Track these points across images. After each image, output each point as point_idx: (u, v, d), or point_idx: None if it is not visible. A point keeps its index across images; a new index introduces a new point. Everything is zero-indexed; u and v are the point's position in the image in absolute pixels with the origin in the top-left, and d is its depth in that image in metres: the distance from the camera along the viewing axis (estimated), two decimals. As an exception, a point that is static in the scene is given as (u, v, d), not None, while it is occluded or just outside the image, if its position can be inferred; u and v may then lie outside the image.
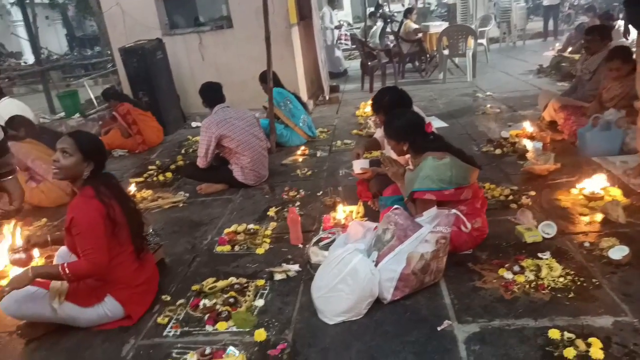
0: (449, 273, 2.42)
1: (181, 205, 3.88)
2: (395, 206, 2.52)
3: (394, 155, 2.91)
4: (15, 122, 4.40)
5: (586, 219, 2.82)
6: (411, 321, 2.13)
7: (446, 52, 8.13)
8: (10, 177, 1.50)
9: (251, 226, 3.28)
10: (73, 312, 2.22)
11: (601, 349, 1.78)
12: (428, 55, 9.01)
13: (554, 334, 1.89)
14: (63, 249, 2.48)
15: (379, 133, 3.48)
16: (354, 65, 10.84)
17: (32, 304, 2.18)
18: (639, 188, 3.07)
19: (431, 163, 2.56)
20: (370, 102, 3.52)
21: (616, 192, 2.99)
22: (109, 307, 2.27)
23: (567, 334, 1.88)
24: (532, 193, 3.23)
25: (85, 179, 2.23)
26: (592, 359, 1.76)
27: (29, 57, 18.18)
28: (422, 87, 7.72)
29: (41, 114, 7.25)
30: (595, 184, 3.07)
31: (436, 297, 2.28)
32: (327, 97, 7.55)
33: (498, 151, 4.18)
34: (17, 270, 2.35)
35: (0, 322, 2.41)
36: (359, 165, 3.21)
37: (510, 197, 3.22)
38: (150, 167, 4.93)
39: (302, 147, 5.03)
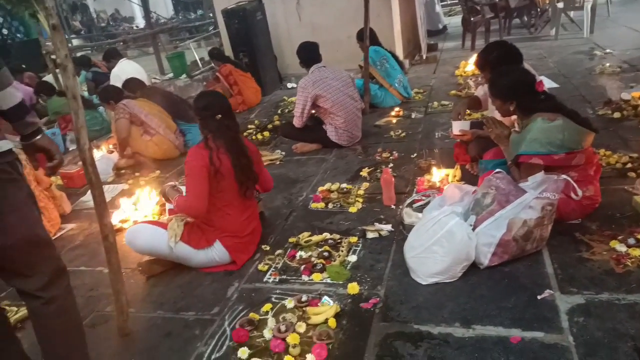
0: (553, 242, 2.29)
1: (278, 162, 4.05)
2: (497, 170, 2.42)
3: (498, 116, 2.75)
4: (131, 84, 4.83)
5: None
6: (509, 287, 2.06)
7: (560, 4, 7.35)
8: (40, 135, 1.63)
9: (344, 185, 3.34)
10: (186, 252, 2.47)
11: None
12: (539, 9, 8.21)
13: (674, 313, 1.73)
14: None
15: (481, 91, 3.30)
16: (454, 22, 10.26)
17: (152, 241, 2.47)
18: None
19: (541, 125, 2.39)
20: (473, 59, 3.33)
21: None
22: (217, 252, 2.49)
23: (690, 315, 1.71)
24: (657, 162, 2.90)
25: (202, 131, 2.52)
26: None
27: (140, 22, 19.59)
28: (530, 44, 7.11)
29: (152, 75, 7.84)
30: None
31: (537, 265, 2.18)
32: (425, 56, 7.26)
33: (617, 114, 3.77)
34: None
35: (124, 258, 2.74)
36: (459, 127, 3.09)
37: (629, 165, 2.92)
38: (249, 126, 5.17)
39: (397, 108, 4.93)
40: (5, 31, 10.62)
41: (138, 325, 2.17)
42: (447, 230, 2.17)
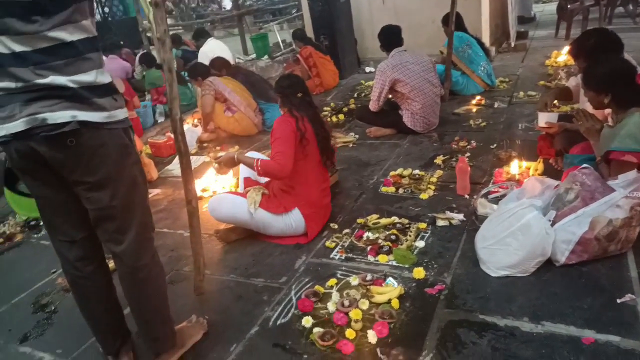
0: (640, 245, 2.13)
1: (351, 145, 4.08)
2: (584, 165, 2.28)
3: (589, 109, 2.58)
4: (217, 63, 5.06)
5: None
6: (586, 287, 1.96)
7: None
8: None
9: (416, 171, 3.30)
10: (265, 218, 2.60)
11: None
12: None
13: None
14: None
15: (572, 82, 3.10)
16: (547, 10, 9.61)
17: (234, 208, 2.62)
18: None
19: (637, 120, 2.22)
20: (567, 49, 3.12)
21: None
22: (294, 219, 2.60)
23: None
24: None
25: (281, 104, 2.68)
26: None
27: (227, 3, 20.26)
28: (634, 35, 6.50)
29: (236, 55, 8.15)
30: None
31: (620, 268, 2.05)
32: (513, 44, 6.91)
33: None
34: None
35: (203, 225, 2.92)
36: (545, 118, 2.92)
37: None
38: (325, 109, 5.23)
39: (478, 97, 4.77)
40: (106, 9, 11.49)
41: (212, 286, 2.33)
42: (523, 223, 2.09)
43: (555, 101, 3.32)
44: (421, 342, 1.81)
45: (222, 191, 3.37)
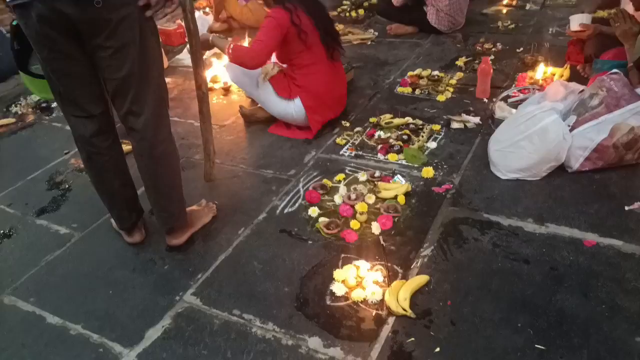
0: (659, 157, 2.07)
1: (369, 42, 3.89)
2: (614, 70, 2.15)
3: (630, 10, 2.38)
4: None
5: None
6: (595, 194, 1.95)
7: None
8: None
9: (436, 73, 3.17)
10: (268, 93, 2.59)
11: None
12: None
13: None
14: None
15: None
16: None
17: (246, 76, 2.61)
18: None
19: (680, 23, 2.05)
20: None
21: None
22: (295, 108, 2.56)
23: None
24: None
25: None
26: None
27: None
28: None
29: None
30: None
31: (634, 177, 2.01)
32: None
33: None
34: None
35: (215, 115, 2.90)
36: (578, 20, 2.71)
37: None
38: (344, 2, 4.93)
39: (511, -3, 4.42)
40: None
41: (222, 175, 2.35)
42: (541, 127, 2.02)
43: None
44: (423, 236, 1.84)
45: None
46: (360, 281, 1.66)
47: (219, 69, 3.41)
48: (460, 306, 1.53)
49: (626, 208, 1.85)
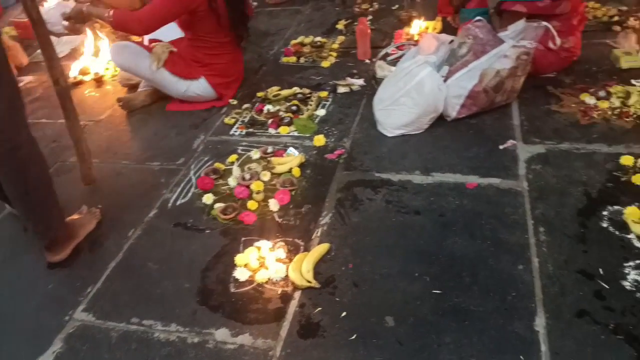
0: (524, 95, 2.25)
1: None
2: (478, 18, 2.26)
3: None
4: None
5: None
6: (473, 138, 2.07)
7: None
8: None
9: (318, 39, 3.15)
10: (167, 79, 2.48)
11: (678, 179, 1.66)
12: None
13: (627, 160, 1.77)
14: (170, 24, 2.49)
15: None
16: None
17: (137, 59, 2.45)
18: None
19: (528, -33, 2.19)
20: None
21: None
22: (200, 88, 2.50)
23: (641, 162, 1.76)
24: (645, 14, 2.75)
25: None
26: (663, 187, 1.65)
27: None
28: None
29: None
30: None
31: (505, 117, 2.16)
32: None
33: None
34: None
35: (89, 111, 2.68)
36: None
37: (615, 18, 2.77)
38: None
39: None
40: None
41: (103, 175, 2.17)
42: (417, 81, 2.09)
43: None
44: (321, 204, 1.85)
45: (106, 72, 3.04)
46: (263, 262, 1.62)
47: (87, 60, 3.12)
48: (361, 267, 1.56)
49: (500, 147, 1.99)
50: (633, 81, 2.20)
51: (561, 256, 1.49)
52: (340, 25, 3.30)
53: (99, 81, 2.99)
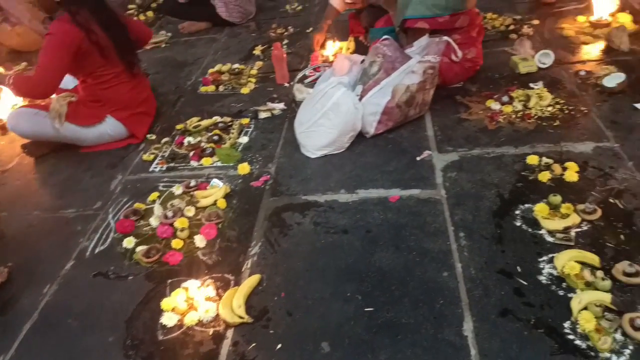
0: (435, 106, 2.35)
1: (163, 45, 3.69)
2: (385, 37, 2.35)
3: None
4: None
5: (588, 47, 2.65)
6: (392, 152, 2.13)
7: None
8: None
9: (236, 66, 3.14)
10: (75, 131, 2.36)
11: (577, 172, 1.80)
12: None
13: (532, 159, 1.89)
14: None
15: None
16: None
17: (37, 124, 2.31)
18: (653, 13, 2.81)
19: (426, -14, 2.32)
20: None
21: (626, 18, 2.75)
22: (110, 127, 2.40)
23: (545, 160, 1.88)
24: (536, 22, 3.00)
25: (60, 3, 2.18)
26: (565, 181, 1.78)
27: None
28: None
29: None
30: (605, 9, 2.81)
31: (419, 130, 2.25)
32: None
33: (506, -23, 3.77)
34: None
35: (-8, 162, 2.49)
36: (348, -5, 2.92)
37: (512, 27, 2.99)
38: (129, 7, 4.59)
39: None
40: None
41: (12, 229, 2.02)
42: (333, 102, 2.13)
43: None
44: (250, 234, 1.81)
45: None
46: (191, 303, 1.56)
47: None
48: (294, 294, 1.55)
49: (418, 159, 2.06)
50: (531, 84, 2.38)
51: (482, 258, 1.55)
52: (257, 51, 3.31)
53: (3, 128, 2.79)
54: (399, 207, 1.82)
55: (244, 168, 2.16)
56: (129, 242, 1.84)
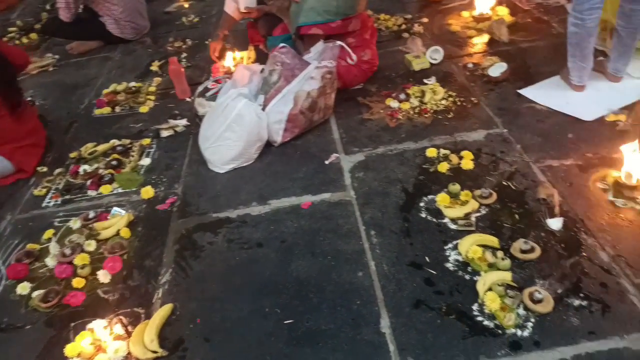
0: (339, 109, 2.39)
1: (51, 69, 3.43)
2: (281, 44, 2.35)
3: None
4: None
5: (473, 40, 2.83)
6: (301, 159, 2.13)
7: None
8: None
9: (133, 84, 2.99)
10: None
11: (472, 160, 1.90)
12: None
13: (431, 152, 1.98)
14: None
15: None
16: None
17: None
18: (525, 5, 3.07)
19: (315, -8, 2.35)
20: None
21: (503, 11, 2.98)
22: None
23: (442, 151, 1.98)
24: (425, 20, 3.16)
25: None
26: (462, 170, 1.88)
27: None
28: None
29: None
30: (484, 4, 3.02)
31: (326, 133, 2.27)
32: None
33: (395, -21, 3.94)
34: None
35: None
36: (244, 4, 2.88)
37: (403, 27, 3.13)
38: (10, 30, 4.21)
39: (188, -10, 4.46)
40: None
41: None
42: (236, 114, 2.08)
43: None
44: (159, 261, 1.72)
45: None
46: (99, 344, 1.44)
47: None
48: (211, 318, 1.48)
49: (326, 162, 2.07)
50: (425, 80, 2.49)
51: (392, 254, 1.59)
52: (154, 67, 3.18)
53: None
54: (312, 212, 1.82)
55: (147, 192, 2.05)
56: (23, 288, 1.66)
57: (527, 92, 2.25)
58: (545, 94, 2.21)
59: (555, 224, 1.56)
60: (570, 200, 1.66)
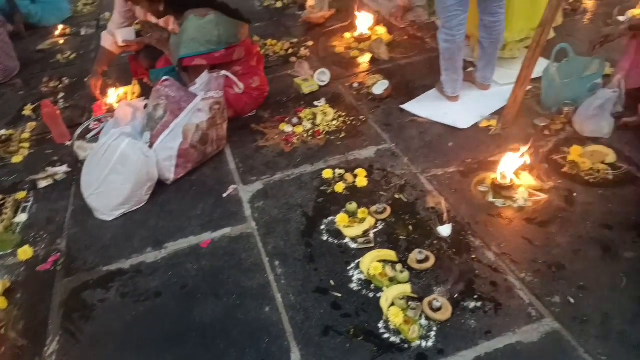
0: (233, 138, 2.34)
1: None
2: (165, 77, 2.26)
3: (153, 20, 2.53)
4: None
5: (357, 60, 2.95)
6: (197, 194, 2.04)
7: None
8: None
9: (2, 132, 2.70)
10: None
11: (365, 177, 1.95)
12: None
13: (327, 173, 2.01)
14: None
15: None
16: None
17: None
18: (400, 23, 3.27)
19: (194, 22, 2.31)
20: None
21: (381, 31, 3.15)
22: None
23: (338, 171, 2.01)
24: (310, 43, 3.23)
25: None
26: (358, 187, 1.92)
27: None
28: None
29: None
30: (363, 24, 3.17)
31: (222, 165, 2.21)
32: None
33: (279, 4, 4.01)
34: None
35: None
36: (122, 37, 2.74)
37: (290, 51, 3.18)
38: None
39: (61, 26, 4.18)
40: None
41: None
42: (120, 155, 1.95)
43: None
44: (44, 330, 1.54)
45: None
46: None
47: None
48: (107, 386, 1.35)
49: (224, 195, 2.01)
50: (315, 103, 2.54)
51: (298, 282, 1.57)
52: (27, 111, 2.91)
53: None
54: (213, 251, 1.75)
55: (25, 252, 1.84)
56: None
57: (409, 106, 2.38)
58: (425, 106, 2.35)
59: (445, 230, 1.65)
60: (456, 206, 1.76)
